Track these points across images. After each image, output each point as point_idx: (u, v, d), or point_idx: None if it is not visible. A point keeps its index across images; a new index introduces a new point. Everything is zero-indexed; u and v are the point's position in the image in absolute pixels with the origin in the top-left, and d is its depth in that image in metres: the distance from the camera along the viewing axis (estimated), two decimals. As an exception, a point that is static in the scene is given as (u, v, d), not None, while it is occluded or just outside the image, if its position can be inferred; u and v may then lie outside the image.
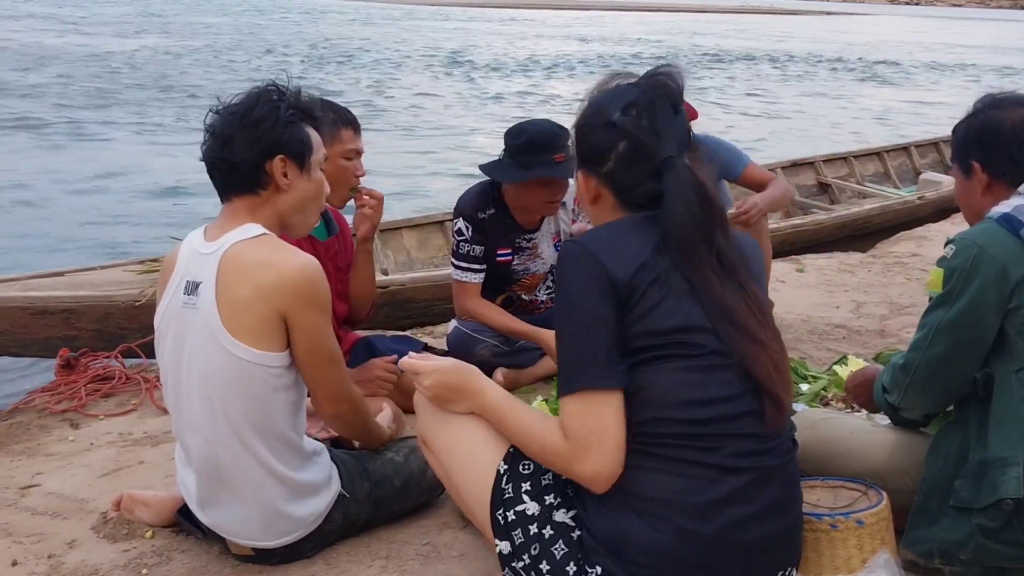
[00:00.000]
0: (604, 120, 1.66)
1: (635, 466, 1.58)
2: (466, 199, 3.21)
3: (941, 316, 1.93)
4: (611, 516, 1.60)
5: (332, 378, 2.04)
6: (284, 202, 2.02)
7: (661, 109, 1.65)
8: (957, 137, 2.10)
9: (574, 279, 1.60)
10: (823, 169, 7.21)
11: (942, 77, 24.29)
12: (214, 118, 2.01)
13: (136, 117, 12.23)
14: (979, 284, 1.87)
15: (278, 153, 1.99)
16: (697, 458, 1.56)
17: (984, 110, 2.06)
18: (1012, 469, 1.83)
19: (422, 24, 37.40)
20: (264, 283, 1.91)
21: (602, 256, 1.58)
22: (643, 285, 1.56)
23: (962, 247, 1.91)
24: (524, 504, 1.70)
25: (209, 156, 2.01)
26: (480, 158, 3.59)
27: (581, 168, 1.73)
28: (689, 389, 1.56)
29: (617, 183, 1.68)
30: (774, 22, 54.13)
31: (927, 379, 1.99)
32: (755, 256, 1.76)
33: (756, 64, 25.31)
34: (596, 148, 1.68)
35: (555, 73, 21.11)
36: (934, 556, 1.94)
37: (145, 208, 8.01)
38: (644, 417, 1.57)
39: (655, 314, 1.56)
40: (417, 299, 4.26)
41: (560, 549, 1.65)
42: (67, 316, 3.56)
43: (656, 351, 1.56)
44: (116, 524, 2.32)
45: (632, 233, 1.63)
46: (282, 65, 18.65)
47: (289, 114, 2.01)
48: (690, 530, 1.55)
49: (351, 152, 2.77)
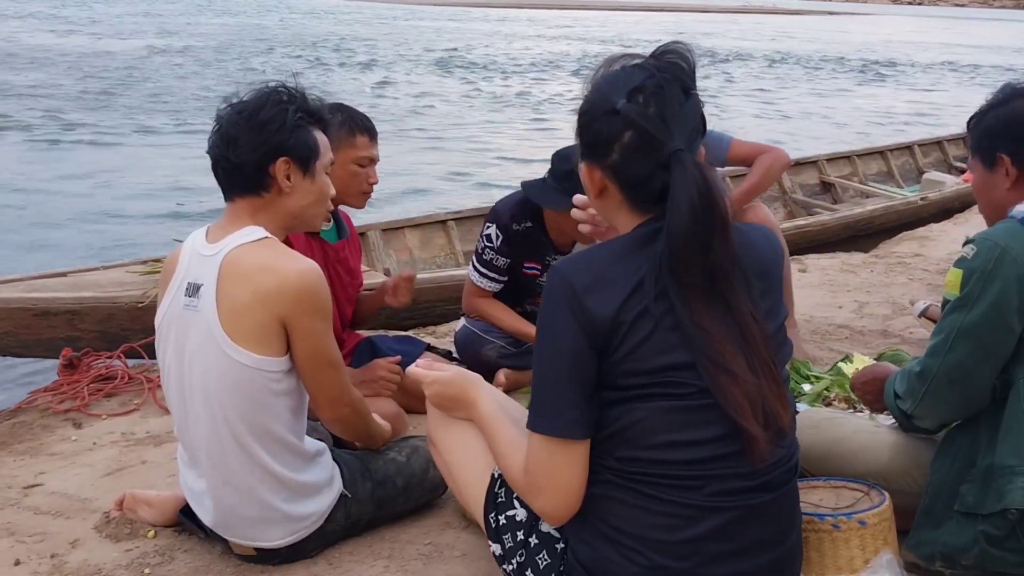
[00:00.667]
0: (608, 107, 1.50)
1: (611, 497, 1.54)
2: (504, 207, 3.15)
3: (960, 320, 1.84)
4: (588, 540, 1.58)
5: (333, 382, 2.04)
6: (287, 205, 2.02)
7: (670, 94, 1.49)
8: (981, 128, 2.00)
9: (552, 315, 1.50)
10: (826, 168, 7.20)
11: (945, 77, 24.26)
12: (222, 114, 2.00)
13: (136, 118, 12.23)
14: (1001, 287, 1.79)
15: (282, 156, 1.98)
16: (675, 497, 1.50)
17: (1007, 101, 1.97)
18: (1019, 479, 1.79)
19: (422, 24, 37.41)
20: (264, 289, 1.91)
21: (584, 293, 1.47)
22: (628, 321, 1.46)
23: (983, 247, 1.83)
24: (515, 510, 1.72)
25: (214, 154, 2.00)
26: (480, 158, 3.58)
27: (584, 159, 1.57)
28: (674, 431, 1.49)
29: (623, 176, 1.52)
30: (775, 22, 54.08)
31: (945, 387, 1.89)
32: (767, 258, 1.60)
33: (757, 64, 25.29)
34: (600, 138, 1.52)
35: (557, 73, 21.11)
36: (936, 559, 1.92)
37: (146, 208, 8.01)
38: (626, 455, 1.52)
39: (640, 352, 1.46)
40: (420, 299, 4.25)
41: (543, 559, 1.66)
42: (70, 317, 3.56)
43: (640, 390, 1.48)
44: (119, 524, 2.32)
45: (623, 258, 1.51)
46: (282, 66, 18.67)
47: (297, 117, 2.00)
48: (661, 564, 1.52)
49: (364, 159, 2.75)
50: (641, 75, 1.50)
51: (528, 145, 11.73)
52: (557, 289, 1.50)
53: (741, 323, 1.49)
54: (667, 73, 1.50)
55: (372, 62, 21.19)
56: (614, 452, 1.53)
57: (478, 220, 5.41)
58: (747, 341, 1.49)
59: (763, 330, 1.51)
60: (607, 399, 1.52)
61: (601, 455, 1.54)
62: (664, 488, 1.51)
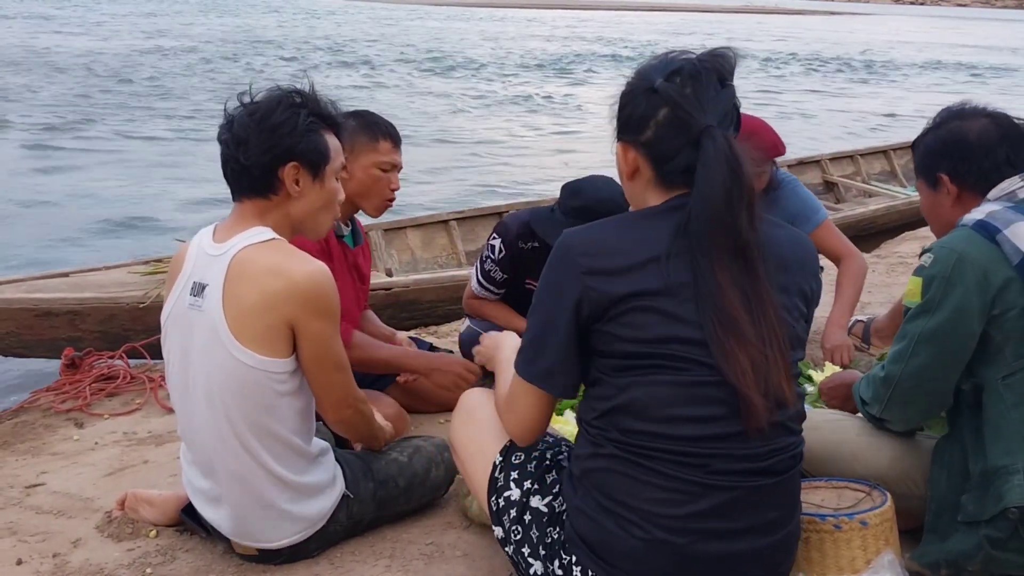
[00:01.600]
0: (647, 85, 1.59)
1: (613, 470, 1.58)
2: (513, 224, 3.12)
3: (923, 325, 1.89)
4: (588, 512, 1.62)
5: (338, 384, 2.04)
6: (295, 209, 2.01)
7: (707, 79, 1.58)
8: (921, 151, 2.10)
9: (554, 277, 1.59)
10: (829, 167, 7.20)
11: (946, 77, 24.23)
12: (234, 115, 1.99)
13: (135, 120, 12.24)
14: (962, 291, 1.84)
15: (291, 160, 1.96)
16: (678, 472, 1.54)
17: (947, 122, 2.06)
18: (1014, 477, 1.80)
19: (423, 24, 37.42)
20: (272, 291, 1.90)
21: (588, 260, 1.55)
22: (634, 292, 1.52)
23: (941, 255, 1.88)
24: (510, 490, 1.80)
25: (223, 154, 1.99)
26: (481, 157, 3.58)
27: (620, 139, 1.65)
28: (678, 405, 1.53)
29: (655, 153, 1.60)
30: (776, 22, 54.07)
31: (910, 391, 1.95)
32: (787, 257, 1.63)
33: (758, 63, 25.27)
34: (637, 114, 1.60)
35: (560, 73, 21.13)
36: (940, 567, 1.92)
37: (145, 208, 8.02)
38: (630, 427, 1.55)
39: (647, 323, 1.52)
40: (421, 300, 4.26)
41: (535, 534, 1.73)
42: (72, 318, 3.57)
43: (646, 359, 1.53)
44: (120, 523, 2.33)
45: (636, 228, 1.59)
46: (284, 66, 18.68)
47: (308, 121, 1.98)
48: (660, 539, 1.55)
49: (387, 164, 2.74)
50: (681, 61, 1.60)
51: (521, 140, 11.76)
52: (563, 256, 1.58)
53: (756, 294, 1.54)
54: (707, 63, 1.60)
55: (365, 62, 21.19)
56: (618, 424, 1.57)
57: (480, 220, 5.42)
58: (761, 311, 1.54)
59: (775, 306, 1.55)
60: (612, 367, 1.57)
61: (605, 427, 1.59)
62: (667, 463, 1.54)
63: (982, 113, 2.04)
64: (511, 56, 24.58)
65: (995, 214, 1.88)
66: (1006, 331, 1.85)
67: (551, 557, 1.69)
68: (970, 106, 2.08)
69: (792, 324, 1.60)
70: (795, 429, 1.64)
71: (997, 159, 1.97)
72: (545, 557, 1.70)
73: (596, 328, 1.57)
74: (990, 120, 2.01)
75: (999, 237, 1.85)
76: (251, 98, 2.00)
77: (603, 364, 1.59)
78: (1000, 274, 1.83)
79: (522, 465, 1.81)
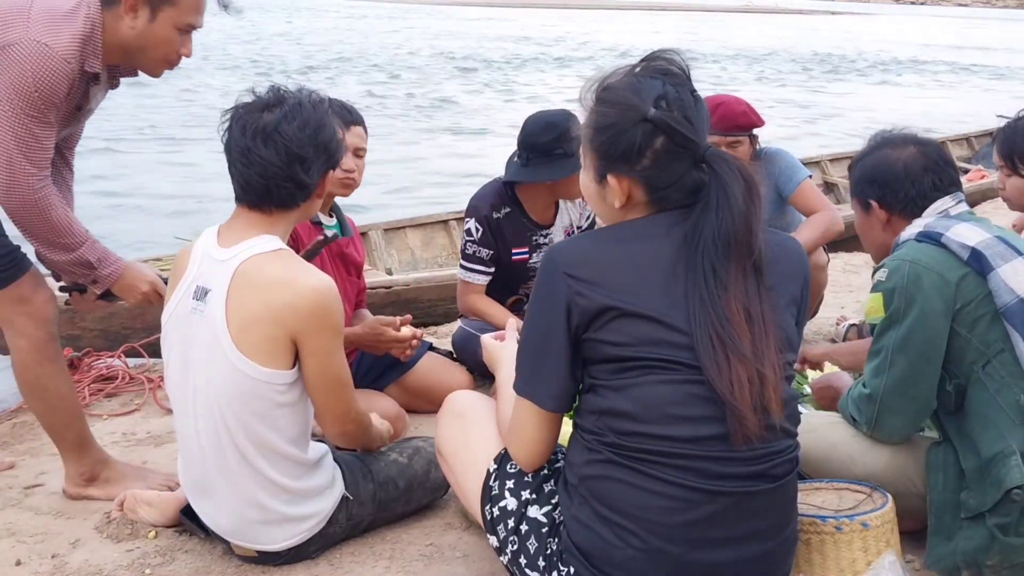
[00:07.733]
0: (638, 117, 1.57)
1: (610, 477, 1.57)
2: (480, 199, 3.19)
3: (893, 336, 1.97)
4: (584, 521, 1.60)
5: (340, 399, 2.03)
6: (310, 209, 2.05)
7: (686, 98, 1.60)
8: (853, 176, 2.23)
9: (545, 292, 1.60)
10: (829, 168, 7.20)
11: (947, 77, 24.24)
12: (282, 129, 1.89)
13: (135, 121, 12.24)
14: (923, 296, 1.94)
15: (334, 169, 2.03)
16: (676, 478, 1.53)
17: (875, 150, 2.18)
18: (1011, 459, 1.85)
19: (418, 24, 37.44)
20: (277, 303, 1.89)
21: (577, 272, 1.56)
22: (625, 301, 1.54)
23: (896, 267, 1.98)
24: (505, 500, 1.78)
25: (264, 169, 1.89)
26: (483, 158, 3.58)
27: (610, 171, 1.62)
28: (673, 405, 1.53)
29: (653, 180, 1.60)
30: (777, 21, 54.09)
31: (896, 401, 2.01)
32: (795, 265, 1.67)
33: (758, 63, 25.28)
34: (631, 147, 1.58)
35: (562, 71, 21.13)
36: (960, 569, 1.93)
37: (146, 209, 8.01)
38: (627, 430, 1.55)
39: (631, 330, 1.54)
40: (421, 299, 4.26)
41: (532, 544, 1.71)
42: (71, 316, 3.56)
43: (635, 362, 1.54)
44: (119, 524, 2.32)
45: (631, 241, 1.60)
46: (283, 67, 18.67)
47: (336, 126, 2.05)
48: (658, 548, 1.54)
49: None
50: (659, 85, 1.59)
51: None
52: (551, 269, 1.59)
53: (760, 311, 1.55)
54: (675, 80, 1.61)
55: (371, 64, 21.20)
56: (614, 426, 1.56)
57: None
58: (763, 329, 1.55)
59: (775, 324, 1.57)
60: (605, 372, 1.57)
61: (601, 430, 1.58)
62: (664, 467, 1.53)
63: (911, 140, 2.18)
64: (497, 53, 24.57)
65: (932, 224, 2.03)
66: (969, 322, 1.93)
67: (549, 569, 1.67)
68: (899, 133, 2.20)
69: (786, 329, 1.62)
70: (791, 431, 1.63)
71: (923, 187, 2.09)
72: (544, 569, 1.68)
73: (587, 338, 1.57)
74: (917, 149, 2.13)
75: (944, 239, 1.97)
76: (275, 101, 1.94)
77: (596, 371, 1.59)
78: (955, 271, 1.94)
79: (519, 474, 1.79)
